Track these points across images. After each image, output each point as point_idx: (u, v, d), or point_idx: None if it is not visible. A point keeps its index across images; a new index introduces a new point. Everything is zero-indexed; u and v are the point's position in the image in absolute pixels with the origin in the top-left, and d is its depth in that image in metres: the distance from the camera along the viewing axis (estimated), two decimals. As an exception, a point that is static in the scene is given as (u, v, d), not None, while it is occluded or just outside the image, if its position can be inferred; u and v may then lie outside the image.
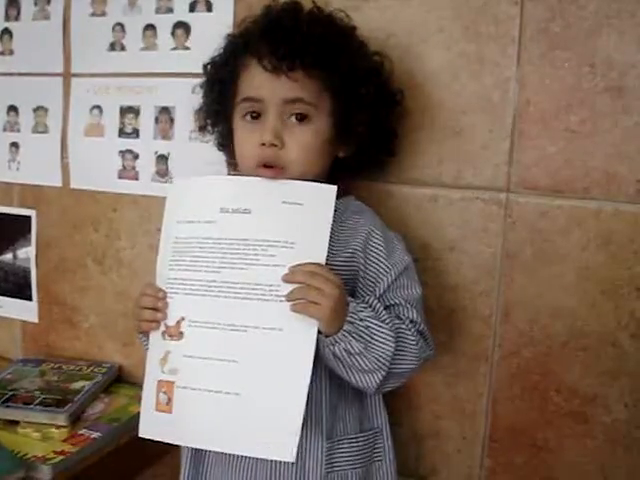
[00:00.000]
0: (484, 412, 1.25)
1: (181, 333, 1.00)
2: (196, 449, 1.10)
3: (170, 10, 1.44)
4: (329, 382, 1.06)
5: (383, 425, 1.15)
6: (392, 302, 1.06)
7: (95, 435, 1.29)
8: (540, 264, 1.18)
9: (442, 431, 1.30)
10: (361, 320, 0.96)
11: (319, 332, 0.95)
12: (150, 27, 1.46)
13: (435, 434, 1.30)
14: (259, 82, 1.04)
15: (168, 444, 1.02)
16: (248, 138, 1.06)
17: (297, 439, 0.93)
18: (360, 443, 1.10)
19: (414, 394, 1.30)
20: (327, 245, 0.97)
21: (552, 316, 1.18)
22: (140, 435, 1.02)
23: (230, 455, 1.06)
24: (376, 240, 1.08)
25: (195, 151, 1.42)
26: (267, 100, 1.03)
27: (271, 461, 1.03)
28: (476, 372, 1.25)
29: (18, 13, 1.62)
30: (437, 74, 1.21)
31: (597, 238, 1.14)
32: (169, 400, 1.00)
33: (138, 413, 1.34)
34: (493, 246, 1.21)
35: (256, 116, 1.05)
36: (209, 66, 1.17)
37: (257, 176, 1.03)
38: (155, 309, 1.01)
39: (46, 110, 1.61)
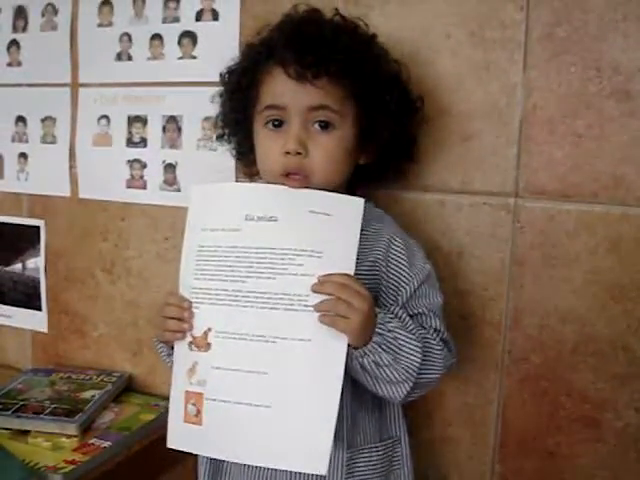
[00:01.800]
0: (494, 418, 1.25)
1: (208, 344, 0.97)
2: (214, 459, 1.09)
3: (176, 20, 1.45)
4: (350, 392, 1.04)
5: (402, 434, 1.14)
6: (415, 311, 1.05)
7: (105, 444, 1.29)
8: (549, 269, 1.17)
9: (453, 438, 1.30)
10: (389, 331, 0.95)
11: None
12: (157, 37, 1.47)
13: (446, 441, 1.30)
14: (282, 90, 1.02)
15: (180, 454, 1.01)
16: (271, 146, 1.04)
17: (329, 452, 0.92)
18: (380, 452, 1.09)
19: (424, 402, 1.29)
20: (355, 255, 0.95)
21: (561, 321, 1.18)
22: (168, 446, 1.01)
23: (249, 465, 1.05)
24: (397, 248, 1.07)
25: (203, 160, 1.43)
26: (291, 108, 1.01)
27: (291, 472, 1.02)
28: (486, 378, 1.25)
29: (25, 24, 1.63)
30: (444, 80, 1.21)
31: (605, 242, 1.14)
32: (198, 412, 0.98)
33: (148, 422, 1.38)
34: (502, 251, 1.21)
35: (278, 124, 1.04)
36: (227, 75, 1.15)
37: (282, 185, 1.01)
38: (180, 319, 0.99)
39: (54, 120, 1.62)
